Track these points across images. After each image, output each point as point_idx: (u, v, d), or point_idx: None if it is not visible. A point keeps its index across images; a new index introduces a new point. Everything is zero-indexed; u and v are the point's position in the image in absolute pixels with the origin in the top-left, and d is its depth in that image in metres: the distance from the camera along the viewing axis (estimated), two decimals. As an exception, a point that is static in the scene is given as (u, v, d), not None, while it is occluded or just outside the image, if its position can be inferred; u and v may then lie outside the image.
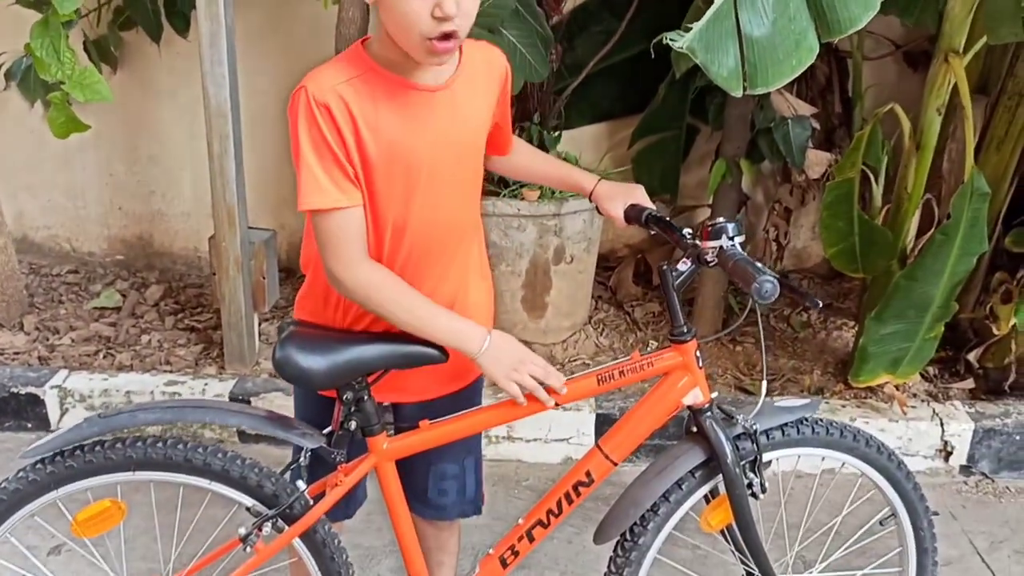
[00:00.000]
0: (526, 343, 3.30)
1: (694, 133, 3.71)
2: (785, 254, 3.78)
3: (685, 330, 1.71)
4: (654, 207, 1.81)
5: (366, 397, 1.60)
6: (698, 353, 1.73)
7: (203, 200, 3.77)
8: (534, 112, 3.26)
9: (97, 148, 3.73)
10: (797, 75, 1.71)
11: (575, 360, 3.35)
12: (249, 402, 2.95)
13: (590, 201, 1.86)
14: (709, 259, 1.60)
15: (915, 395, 3.07)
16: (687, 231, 1.69)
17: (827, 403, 3.02)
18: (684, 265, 1.67)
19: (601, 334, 3.52)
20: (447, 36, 1.40)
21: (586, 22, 3.52)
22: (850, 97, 3.52)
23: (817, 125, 3.33)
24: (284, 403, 2.95)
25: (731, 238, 1.59)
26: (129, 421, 1.53)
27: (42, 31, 2.24)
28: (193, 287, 3.79)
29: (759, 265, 1.50)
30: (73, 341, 3.31)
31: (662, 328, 3.57)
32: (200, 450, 1.55)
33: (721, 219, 1.61)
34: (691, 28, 1.63)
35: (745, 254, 1.56)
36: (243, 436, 2.94)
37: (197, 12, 2.77)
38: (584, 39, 3.49)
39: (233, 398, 2.96)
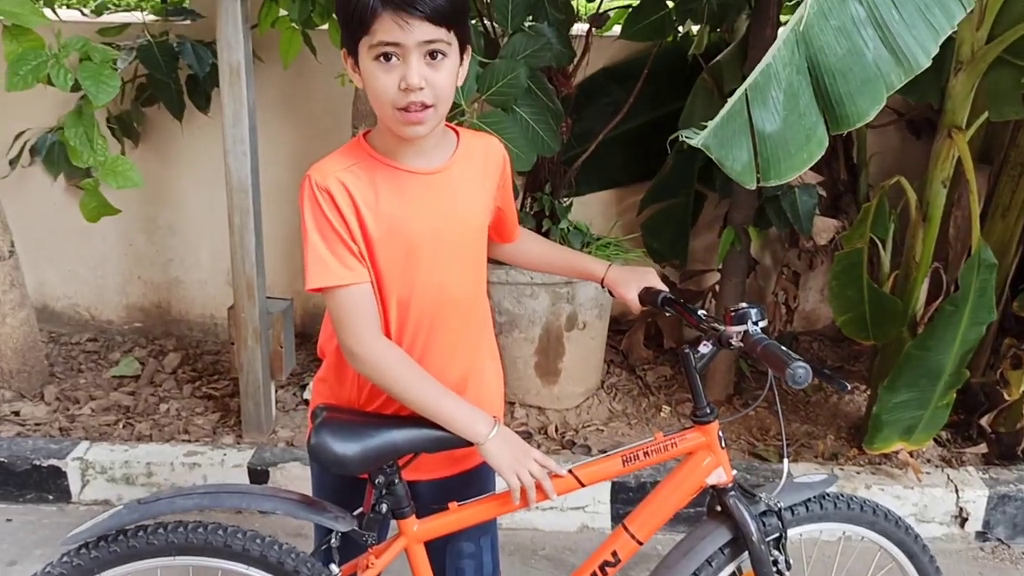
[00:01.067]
0: (539, 409, 3.39)
1: (702, 199, 3.78)
2: (795, 317, 3.83)
3: (708, 411, 1.77)
4: (667, 289, 1.87)
5: (397, 480, 1.64)
6: (720, 433, 1.78)
7: (220, 267, 3.85)
8: (545, 183, 3.33)
9: (117, 218, 3.74)
10: (809, 167, 1.78)
11: (588, 426, 3.38)
12: (268, 472, 2.99)
13: (602, 287, 1.92)
14: (734, 343, 1.65)
15: (929, 460, 3.09)
16: (702, 312, 1.75)
17: (842, 469, 3.04)
18: (705, 347, 1.73)
19: (614, 399, 3.55)
20: (418, 107, 1.50)
21: (594, 94, 3.62)
22: (855, 164, 3.60)
23: (823, 192, 3.40)
24: (301, 473, 2.99)
25: (755, 323, 1.64)
26: (168, 508, 1.57)
27: (75, 120, 2.32)
28: (210, 354, 3.83)
29: (787, 350, 1.55)
30: (93, 411, 3.35)
31: (674, 392, 3.61)
32: (239, 535, 1.58)
33: (744, 304, 1.67)
34: (705, 125, 1.70)
35: (771, 339, 1.61)
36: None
37: (221, 92, 2.85)
38: (592, 110, 3.59)
39: (252, 468, 2.99)
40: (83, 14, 3.53)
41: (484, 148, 1.75)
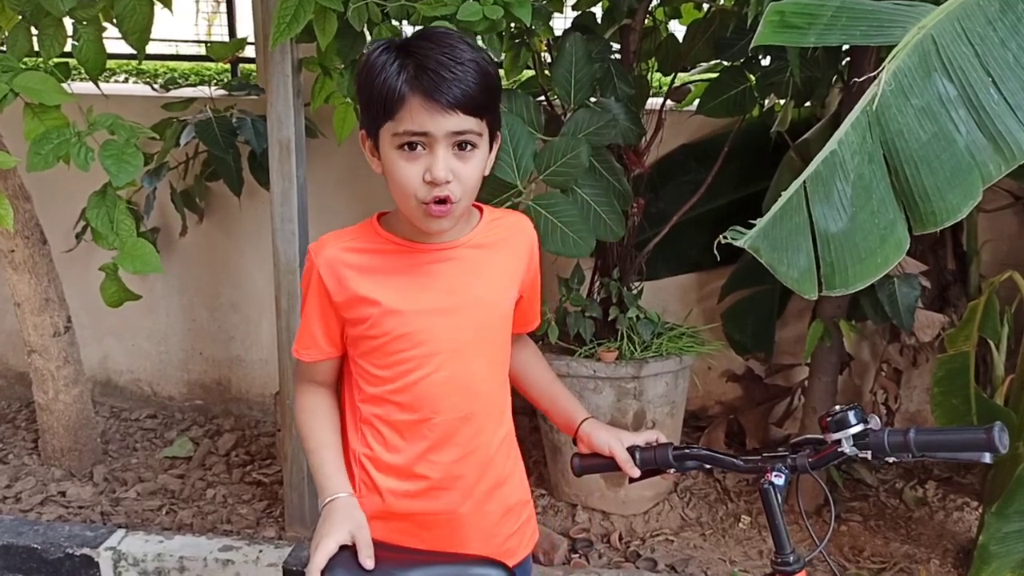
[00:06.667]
0: (603, 513, 3.10)
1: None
2: (896, 419, 3.44)
3: (792, 560, 1.47)
4: (670, 442, 1.62)
5: None
6: None
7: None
8: (613, 267, 3.09)
9: (182, 294, 3.76)
10: (884, 273, 1.50)
11: (657, 535, 3.07)
12: (303, 574, 2.79)
13: (573, 442, 1.69)
14: (847, 451, 1.42)
15: (1052, 599, 2.66)
16: (742, 460, 1.54)
17: (946, 604, 2.65)
18: (779, 478, 1.47)
19: (688, 505, 3.23)
20: (441, 201, 1.40)
21: (672, 173, 3.39)
22: (965, 252, 3.23)
23: (927, 283, 3.05)
24: None
25: (864, 421, 1.42)
26: None
27: (99, 201, 2.24)
28: (266, 436, 3.70)
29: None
30: (139, 495, 3.24)
31: (756, 499, 3.25)
32: None
33: (837, 408, 1.45)
34: (754, 224, 1.45)
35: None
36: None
37: (270, 171, 2.76)
38: (671, 190, 3.34)
39: (287, 569, 2.80)
40: (153, 88, 3.53)
41: (510, 227, 1.62)
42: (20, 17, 2.47)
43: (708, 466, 1.61)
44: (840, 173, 1.48)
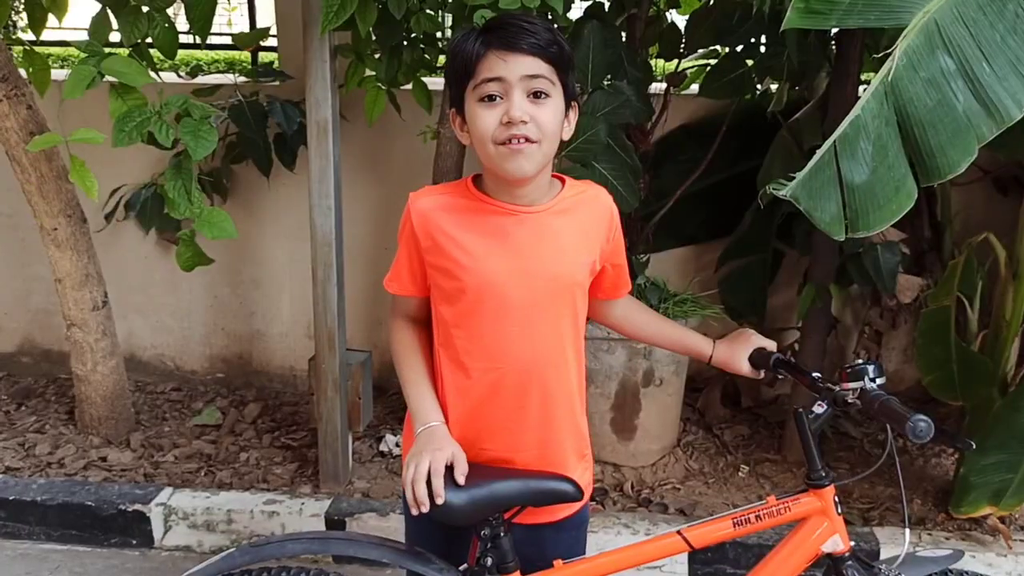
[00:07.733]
0: (615, 466, 3.35)
1: (780, 256, 3.74)
2: (877, 377, 3.73)
3: (823, 474, 1.71)
4: (775, 347, 1.84)
5: (502, 533, 1.62)
6: (836, 498, 1.73)
7: (299, 321, 3.94)
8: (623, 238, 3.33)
9: (204, 272, 3.90)
10: (899, 219, 1.76)
11: (665, 484, 3.33)
12: (344, 523, 3.01)
13: (708, 363, 1.88)
14: (849, 401, 1.61)
15: (1023, 528, 2.96)
16: (816, 374, 1.72)
17: (930, 535, 2.94)
18: (820, 408, 1.68)
19: (691, 457, 3.50)
20: (520, 140, 1.52)
21: (672, 151, 3.64)
22: (940, 222, 3.53)
23: (907, 250, 3.34)
24: (377, 524, 3.00)
25: (872, 379, 1.60)
26: (278, 551, 1.59)
27: (175, 174, 2.42)
28: (288, 405, 3.90)
29: (904, 406, 1.52)
30: (176, 458, 3.43)
31: (752, 451, 3.54)
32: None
33: (860, 361, 1.65)
34: (784, 181, 1.71)
35: (888, 395, 1.57)
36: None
37: (308, 149, 2.94)
38: (670, 167, 3.59)
39: (329, 518, 3.01)
40: (179, 76, 3.70)
41: (590, 199, 1.73)
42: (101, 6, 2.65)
43: (791, 377, 1.78)
44: (863, 134, 1.74)
